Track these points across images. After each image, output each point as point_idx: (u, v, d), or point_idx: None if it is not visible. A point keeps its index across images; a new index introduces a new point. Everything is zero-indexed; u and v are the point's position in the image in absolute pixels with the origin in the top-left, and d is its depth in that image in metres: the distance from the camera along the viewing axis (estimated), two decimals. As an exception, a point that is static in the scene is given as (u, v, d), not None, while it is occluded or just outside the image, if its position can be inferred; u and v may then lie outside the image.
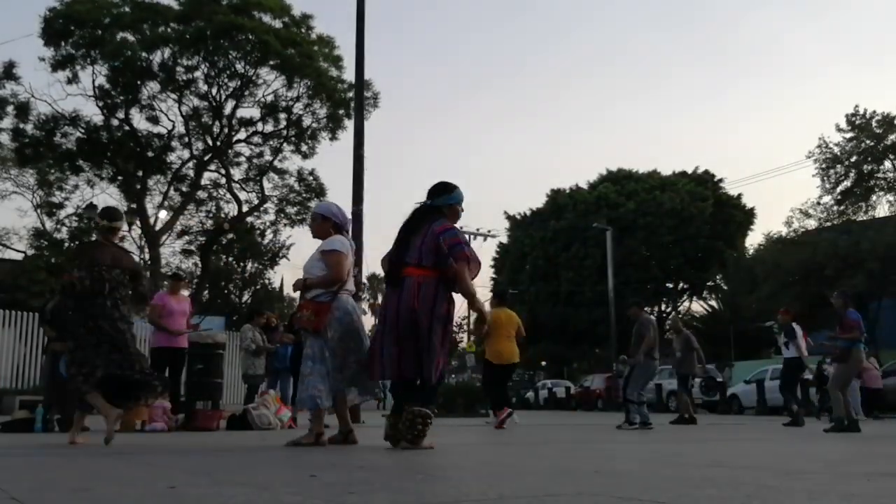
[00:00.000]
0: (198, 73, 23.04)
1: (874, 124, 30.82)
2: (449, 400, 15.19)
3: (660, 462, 3.60)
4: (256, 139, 25.08)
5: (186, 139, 24.34)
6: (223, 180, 25.36)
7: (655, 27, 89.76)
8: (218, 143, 24.21)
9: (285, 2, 23.54)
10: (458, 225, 4.77)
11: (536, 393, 35.13)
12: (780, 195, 66.79)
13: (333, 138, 24.43)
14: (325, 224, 5.04)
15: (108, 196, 25.73)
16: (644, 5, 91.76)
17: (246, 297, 39.02)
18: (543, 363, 45.46)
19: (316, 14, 28.65)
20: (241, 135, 24.92)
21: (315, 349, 4.71)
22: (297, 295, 5.44)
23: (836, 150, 31.66)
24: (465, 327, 43.28)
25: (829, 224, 31.85)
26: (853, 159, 31.42)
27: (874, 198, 32.14)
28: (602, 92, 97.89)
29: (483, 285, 38.98)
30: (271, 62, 22.73)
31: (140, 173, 24.49)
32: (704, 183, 39.64)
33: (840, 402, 8.31)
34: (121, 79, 22.24)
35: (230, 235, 27.47)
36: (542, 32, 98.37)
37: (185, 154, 24.71)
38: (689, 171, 41.20)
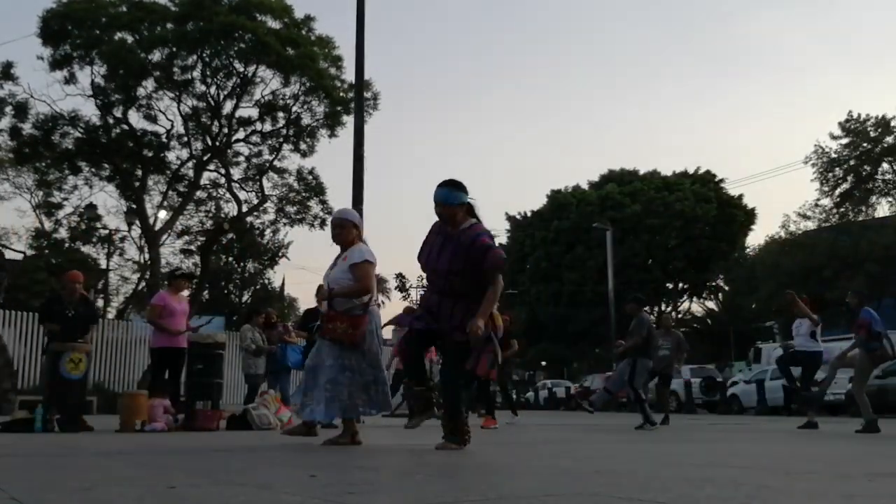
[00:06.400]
0: (195, 73, 23.01)
1: (870, 127, 30.83)
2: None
3: (660, 462, 3.60)
4: (255, 138, 25.03)
5: (185, 139, 24.31)
6: (222, 180, 25.31)
7: (656, 27, 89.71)
8: (217, 143, 24.17)
9: (286, 2, 23.50)
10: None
11: (536, 393, 35.10)
12: (781, 195, 66.82)
13: (332, 135, 24.38)
14: (354, 231, 4.98)
15: (106, 195, 25.75)
16: (644, 5, 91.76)
17: (246, 296, 39.08)
18: (543, 363, 45.47)
19: (316, 14, 28.49)
20: (240, 134, 24.86)
21: (353, 361, 4.72)
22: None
23: (834, 154, 31.68)
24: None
25: (827, 225, 31.86)
26: (851, 163, 31.43)
27: (873, 199, 32.16)
28: (602, 92, 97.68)
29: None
30: (268, 60, 22.67)
31: (139, 173, 24.46)
32: (706, 183, 39.71)
33: (864, 404, 8.18)
34: (117, 78, 22.19)
35: (230, 235, 27.38)
36: (542, 32, 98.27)
37: (184, 154, 24.66)
38: (690, 171, 41.24)
